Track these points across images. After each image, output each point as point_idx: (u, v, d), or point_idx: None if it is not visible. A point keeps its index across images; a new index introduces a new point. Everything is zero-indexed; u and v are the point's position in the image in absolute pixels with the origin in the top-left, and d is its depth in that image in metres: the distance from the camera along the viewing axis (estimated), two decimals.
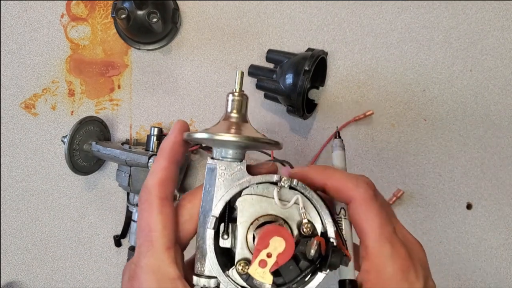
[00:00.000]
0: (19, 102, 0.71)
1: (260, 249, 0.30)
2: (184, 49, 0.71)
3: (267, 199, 0.34)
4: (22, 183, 0.72)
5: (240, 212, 0.34)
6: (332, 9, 0.70)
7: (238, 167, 0.35)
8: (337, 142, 0.43)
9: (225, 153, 0.35)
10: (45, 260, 0.72)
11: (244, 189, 0.34)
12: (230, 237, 0.34)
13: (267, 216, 0.34)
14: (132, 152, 0.62)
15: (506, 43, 0.70)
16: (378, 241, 0.33)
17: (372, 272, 0.33)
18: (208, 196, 0.35)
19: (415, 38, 0.70)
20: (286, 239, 0.30)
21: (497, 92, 0.70)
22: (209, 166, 0.35)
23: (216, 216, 0.33)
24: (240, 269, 0.32)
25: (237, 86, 0.37)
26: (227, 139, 0.33)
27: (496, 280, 0.71)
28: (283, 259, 0.30)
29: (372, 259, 0.33)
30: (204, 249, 0.34)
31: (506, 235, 0.70)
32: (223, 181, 0.35)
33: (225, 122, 0.36)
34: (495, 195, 0.70)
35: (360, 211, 0.34)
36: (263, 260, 0.30)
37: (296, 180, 0.34)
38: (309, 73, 0.59)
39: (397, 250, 0.33)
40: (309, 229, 0.33)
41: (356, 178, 0.35)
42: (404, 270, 0.33)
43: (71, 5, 0.71)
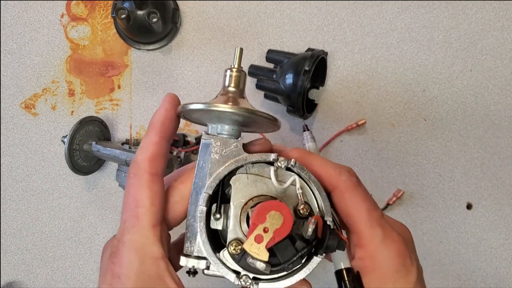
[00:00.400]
0: (19, 102, 0.71)
1: (257, 224, 0.29)
2: (184, 49, 0.71)
3: (263, 179, 0.33)
4: (22, 183, 0.72)
5: (234, 191, 0.32)
6: (332, 9, 0.70)
7: (234, 143, 0.34)
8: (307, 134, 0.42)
9: (221, 129, 0.34)
10: (45, 260, 0.72)
11: (239, 168, 0.33)
12: (222, 218, 0.33)
13: (262, 196, 0.33)
14: (132, 152, 0.62)
15: (506, 43, 0.70)
16: (369, 226, 0.33)
17: (367, 258, 0.33)
18: (201, 172, 0.33)
19: (415, 38, 0.70)
20: (285, 214, 0.29)
21: (497, 92, 0.70)
22: (204, 142, 0.34)
23: (209, 193, 0.32)
24: (232, 249, 0.31)
25: (235, 62, 0.36)
26: (224, 109, 0.31)
27: (496, 280, 0.71)
28: (280, 235, 0.29)
29: (366, 245, 0.33)
30: (194, 227, 0.32)
31: (506, 235, 0.70)
32: (218, 158, 0.33)
33: (222, 96, 0.35)
34: (495, 195, 0.70)
35: (346, 197, 0.33)
36: (259, 235, 0.29)
37: (293, 160, 0.33)
38: (309, 73, 0.59)
39: (389, 233, 0.33)
40: (306, 210, 0.32)
41: (339, 166, 0.35)
42: (399, 253, 0.32)
43: (71, 5, 0.71)
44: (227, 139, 0.34)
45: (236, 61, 0.36)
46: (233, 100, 0.34)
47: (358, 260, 0.33)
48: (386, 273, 0.32)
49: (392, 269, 0.32)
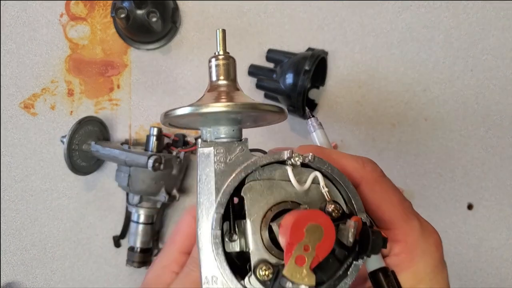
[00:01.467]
0: (18, 102, 0.71)
1: (295, 243, 0.23)
2: (183, 49, 0.71)
3: (278, 182, 0.28)
4: (21, 183, 0.71)
5: (249, 203, 0.27)
6: (332, 8, 0.70)
7: (239, 147, 0.28)
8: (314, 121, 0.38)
9: (218, 132, 0.29)
10: (44, 260, 0.72)
11: (249, 175, 0.28)
12: (238, 237, 0.28)
13: (282, 203, 0.28)
14: (132, 152, 0.62)
15: (507, 43, 0.70)
16: (405, 219, 0.29)
17: (404, 254, 0.29)
18: (205, 189, 0.28)
19: (416, 38, 0.70)
20: (324, 224, 0.24)
21: (498, 92, 0.70)
22: (201, 152, 0.28)
23: (221, 213, 0.27)
24: (263, 275, 0.26)
25: (219, 47, 0.30)
26: (219, 110, 0.26)
27: (497, 281, 0.70)
28: (325, 251, 0.24)
29: (403, 239, 0.29)
30: (210, 258, 0.27)
31: (507, 235, 0.70)
32: (223, 167, 0.28)
33: (211, 93, 0.30)
34: (496, 195, 0.70)
35: (376, 190, 0.30)
36: (300, 256, 0.23)
37: (311, 155, 0.27)
38: (309, 73, 0.59)
39: (426, 225, 0.30)
40: (337, 210, 0.27)
41: (360, 157, 0.31)
42: (437, 247, 0.29)
43: (71, 5, 0.71)
44: (229, 144, 0.29)
45: (220, 45, 0.31)
46: (226, 95, 0.29)
47: (393, 257, 0.29)
48: (424, 269, 0.29)
49: (431, 265, 0.29)
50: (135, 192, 0.65)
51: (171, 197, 0.65)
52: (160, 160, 0.61)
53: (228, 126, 0.29)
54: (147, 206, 0.66)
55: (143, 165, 0.60)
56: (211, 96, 0.29)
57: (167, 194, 0.64)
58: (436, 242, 0.30)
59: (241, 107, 0.26)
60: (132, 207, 0.67)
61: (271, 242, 0.27)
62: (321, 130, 0.38)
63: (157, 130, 0.65)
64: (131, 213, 0.67)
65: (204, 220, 0.28)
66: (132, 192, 0.65)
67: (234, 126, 0.29)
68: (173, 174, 0.65)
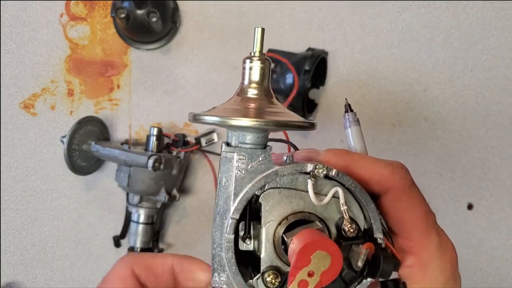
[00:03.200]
0: (18, 102, 0.71)
1: (299, 268, 0.24)
2: (183, 49, 0.71)
3: (297, 192, 0.28)
4: (21, 183, 0.71)
5: (266, 210, 0.28)
6: (332, 8, 0.70)
7: (262, 155, 0.28)
8: (351, 116, 0.35)
9: (243, 137, 0.29)
10: (44, 260, 0.72)
11: (269, 182, 0.28)
12: (252, 239, 0.28)
13: (299, 213, 0.28)
14: (132, 152, 0.62)
15: (507, 43, 0.70)
16: (425, 233, 0.29)
17: (417, 267, 0.29)
18: (224, 192, 0.28)
19: (415, 38, 0.70)
20: (333, 253, 0.24)
21: (498, 92, 0.70)
22: (224, 155, 0.29)
23: (236, 218, 0.28)
24: (269, 282, 0.27)
25: (256, 47, 0.29)
26: (246, 124, 0.26)
27: (497, 281, 0.70)
28: (328, 278, 0.24)
29: (419, 253, 0.29)
30: (221, 257, 0.28)
31: (507, 235, 0.70)
32: (243, 174, 0.28)
33: (241, 98, 0.29)
34: (496, 195, 0.70)
35: (402, 200, 0.29)
36: (303, 281, 0.24)
37: (335, 170, 0.27)
38: (309, 73, 0.59)
39: (445, 240, 0.29)
40: (352, 230, 0.27)
41: (390, 164, 0.30)
42: (452, 263, 0.29)
43: (71, 5, 0.71)
44: (253, 151, 0.28)
45: (257, 45, 0.29)
46: (257, 106, 0.28)
47: (406, 269, 0.29)
48: (436, 284, 0.29)
49: (443, 281, 0.29)
50: (135, 192, 0.65)
51: (171, 197, 0.65)
52: (160, 160, 0.61)
53: (254, 134, 0.29)
54: (147, 206, 0.66)
55: (143, 165, 0.60)
56: (240, 103, 0.29)
57: (167, 194, 0.64)
58: (452, 259, 0.29)
59: (269, 124, 0.26)
60: (132, 207, 0.67)
61: (283, 250, 0.28)
62: (357, 127, 0.35)
63: (157, 130, 0.65)
64: (131, 213, 0.67)
65: (219, 222, 0.28)
66: (132, 192, 0.65)
67: (260, 134, 0.29)
68: (173, 174, 0.65)
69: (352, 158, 0.30)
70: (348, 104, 0.36)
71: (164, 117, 0.71)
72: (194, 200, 0.71)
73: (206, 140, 0.69)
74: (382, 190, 0.30)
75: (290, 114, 0.29)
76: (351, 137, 0.36)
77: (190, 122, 0.70)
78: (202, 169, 0.71)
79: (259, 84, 0.29)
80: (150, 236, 0.67)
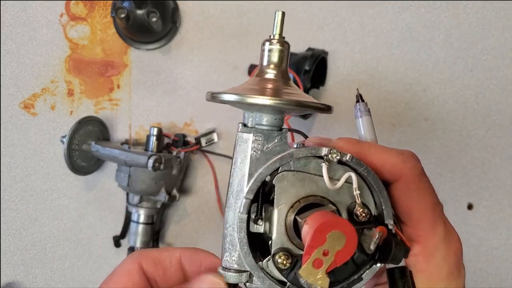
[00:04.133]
0: (18, 102, 0.71)
1: (315, 246, 0.24)
2: (183, 49, 0.71)
3: (310, 176, 0.28)
4: (21, 183, 0.71)
5: (279, 192, 0.28)
6: (332, 8, 0.70)
7: (278, 137, 0.29)
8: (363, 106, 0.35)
9: (259, 118, 0.29)
10: (44, 260, 0.72)
11: (283, 165, 0.28)
12: (264, 221, 0.28)
13: (311, 197, 0.28)
14: (132, 152, 0.62)
15: (507, 43, 0.70)
16: (432, 223, 0.29)
17: (422, 256, 0.29)
18: (239, 173, 0.28)
19: (416, 38, 0.70)
20: (348, 233, 0.24)
21: (498, 92, 0.70)
22: (240, 136, 0.29)
23: (250, 199, 0.28)
24: (280, 263, 0.27)
25: (276, 30, 0.29)
26: (264, 102, 0.26)
27: (497, 281, 0.70)
28: (343, 258, 0.25)
29: (425, 242, 0.29)
30: (234, 237, 0.28)
31: (507, 235, 0.70)
32: (259, 155, 0.28)
33: (260, 79, 0.29)
34: (496, 195, 0.70)
35: (412, 189, 0.29)
36: (318, 259, 0.24)
37: (349, 155, 0.28)
38: (309, 73, 0.59)
39: (451, 231, 0.30)
40: (365, 215, 0.27)
41: (401, 152, 0.30)
42: (456, 254, 0.30)
43: (71, 5, 0.71)
44: (269, 132, 0.29)
45: (277, 28, 0.29)
46: (274, 86, 0.29)
47: (411, 257, 0.30)
48: (439, 275, 0.29)
49: (447, 271, 0.29)
50: (135, 192, 0.65)
51: (171, 197, 0.65)
52: (160, 160, 0.61)
53: (270, 115, 0.29)
54: (147, 206, 0.66)
55: (143, 165, 0.60)
56: (258, 83, 0.29)
57: (167, 194, 0.64)
58: (457, 250, 0.30)
59: (286, 103, 0.26)
60: (132, 207, 0.67)
61: (294, 232, 0.28)
62: (368, 118, 0.36)
63: (157, 130, 0.65)
64: (131, 213, 0.67)
65: (233, 202, 0.29)
66: (132, 192, 0.65)
67: (277, 116, 0.29)
68: (173, 174, 0.65)
69: (363, 146, 0.30)
70: (359, 94, 0.37)
71: (164, 117, 0.71)
72: (194, 200, 0.71)
73: (206, 140, 0.69)
74: (393, 178, 0.30)
75: (307, 96, 0.29)
76: (362, 127, 0.36)
77: (190, 122, 0.70)
78: (202, 169, 0.71)
79: (277, 66, 0.29)
80: (150, 236, 0.67)
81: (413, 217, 0.30)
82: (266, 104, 0.26)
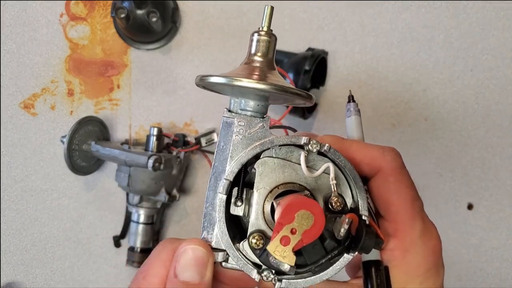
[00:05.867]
0: (18, 102, 0.71)
1: (284, 224, 0.25)
2: (183, 49, 0.71)
3: (291, 164, 0.29)
4: (21, 183, 0.71)
5: (259, 176, 0.29)
6: (332, 8, 0.70)
7: (260, 123, 0.30)
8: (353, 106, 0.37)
9: (244, 104, 0.30)
10: (44, 260, 0.72)
11: (265, 151, 0.29)
12: (243, 204, 0.29)
13: (289, 184, 0.29)
14: (132, 152, 0.62)
15: (507, 43, 0.70)
16: (410, 217, 0.29)
17: (399, 251, 0.29)
18: (221, 155, 0.30)
19: (415, 38, 0.70)
20: (316, 214, 0.25)
21: (498, 92, 0.70)
22: (225, 120, 0.30)
23: (229, 180, 0.29)
24: (254, 243, 0.28)
25: (264, 23, 0.31)
26: (250, 85, 0.27)
27: (498, 281, 0.70)
28: (309, 238, 0.25)
29: (402, 237, 0.29)
30: (212, 216, 0.30)
31: (507, 235, 0.70)
32: (240, 139, 0.30)
33: (247, 66, 0.31)
34: (496, 195, 0.70)
35: (390, 182, 0.29)
36: (285, 237, 0.25)
37: (327, 145, 0.29)
38: (309, 73, 0.59)
39: (429, 227, 0.30)
40: (339, 204, 0.28)
41: (381, 147, 0.31)
42: (435, 251, 0.29)
43: (71, 5, 0.71)
44: (252, 118, 0.30)
45: (266, 21, 0.31)
46: (260, 72, 0.30)
47: (388, 251, 0.30)
48: (416, 271, 0.29)
49: (424, 267, 0.29)
50: (135, 192, 0.65)
51: (171, 197, 0.65)
52: (160, 160, 0.61)
53: (255, 101, 0.31)
54: (147, 206, 0.66)
55: (143, 165, 0.60)
56: (245, 70, 0.30)
57: (167, 194, 0.64)
58: (435, 247, 0.29)
59: (270, 87, 0.27)
60: (132, 207, 0.67)
61: (271, 217, 0.29)
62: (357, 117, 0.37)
63: (157, 130, 0.65)
64: (131, 213, 0.67)
65: (214, 182, 0.30)
66: (132, 192, 0.65)
67: (261, 102, 0.31)
68: (173, 174, 0.65)
69: (346, 143, 0.31)
70: (351, 95, 0.38)
71: (164, 117, 0.71)
72: (194, 200, 0.71)
73: (206, 140, 0.69)
74: (373, 172, 0.30)
75: (290, 84, 0.30)
76: (350, 126, 0.37)
77: (190, 122, 0.70)
78: (202, 169, 0.71)
79: (264, 55, 0.31)
80: (150, 236, 0.67)
81: (391, 210, 0.30)
82: (251, 87, 0.27)
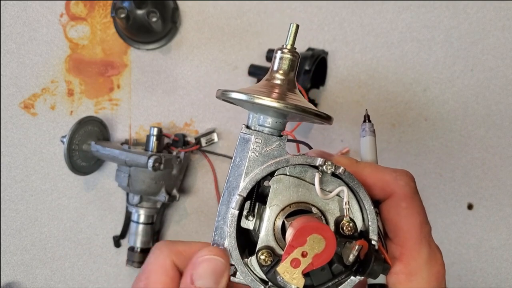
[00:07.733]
0: (18, 102, 0.71)
1: (295, 246, 0.26)
2: (183, 49, 0.71)
3: (305, 184, 0.30)
4: (21, 183, 0.71)
5: (273, 193, 0.29)
6: (332, 8, 0.70)
7: (276, 142, 0.30)
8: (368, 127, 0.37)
9: (263, 120, 0.31)
10: (44, 260, 0.72)
11: (280, 169, 0.30)
12: (255, 219, 0.30)
13: (302, 203, 0.30)
14: (132, 152, 0.62)
15: (507, 43, 0.70)
16: (417, 242, 0.30)
17: (404, 275, 0.30)
18: (236, 170, 0.30)
19: (416, 38, 0.70)
20: (328, 239, 0.26)
21: (498, 92, 0.70)
22: (242, 136, 0.31)
23: (243, 196, 0.29)
24: (263, 259, 0.28)
25: (289, 41, 0.31)
26: (270, 104, 0.27)
27: (497, 281, 0.70)
28: (320, 262, 0.26)
29: (408, 261, 0.30)
30: (223, 230, 0.30)
31: (507, 235, 0.70)
32: (256, 156, 0.30)
33: (268, 82, 0.31)
34: (496, 195, 0.70)
35: (402, 207, 0.30)
36: (296, 259, 0.26)
37: (342, 168, 0.29)
38: (309, 73, 0.59)
39: (435, 253, 0.30)
40: (350, 229, 0.29)
41: (394, 171, 0.31)
42: (438, 277, 0.30)
43: (71, 5, 0.71)
44: (269, 136, 0.30)
45: (290, 39, 0.31)
46: (281, 91, 0.30)
47: (393, 275, 0.30)
48: None
49: None
50: (135, 192, 0.65)
51: (171, 197, 0.65)
52: (160, 160, 0.61)
53: (273, 118, 0.31)
54: (147, 206, 0.66)
55: (143, 165, 0.60)
56: (266, 86, 0.31)
57: (167, 194, 0.64)
58: (438, 273, 0.30)
59: (290, 108, 0.28)
60: (132, 207, 0.67)
61: (281, 234, 0.29)
62: (372, 138, 0.37)
63: (157, 130, 0.65)
64: (131, 213, 0.67)
65: (227, 197, 0.31)
66: (132, 192, 0.65)
67: (279, 120, 0.31)
68: (173, 174, 0.65)
69: (360, 165, 0.31)
70: (367, 115, 0.39)
71: (164, 117, 0.71)
72: (194, 200, 0.71)
73: (206, 140, 0.69)
74: (385, 195, 0.31)
75: (310, 104, 0.30)
76: (364, 147, 0.37)
77: (190, 122, 0.70)
78: (202, 169, 0.71)
79: (285, 73, 0.31)
80: (150, 236, 0.67)
81: (400, 234, 0.30)
82: (271, 106, 0.28)
